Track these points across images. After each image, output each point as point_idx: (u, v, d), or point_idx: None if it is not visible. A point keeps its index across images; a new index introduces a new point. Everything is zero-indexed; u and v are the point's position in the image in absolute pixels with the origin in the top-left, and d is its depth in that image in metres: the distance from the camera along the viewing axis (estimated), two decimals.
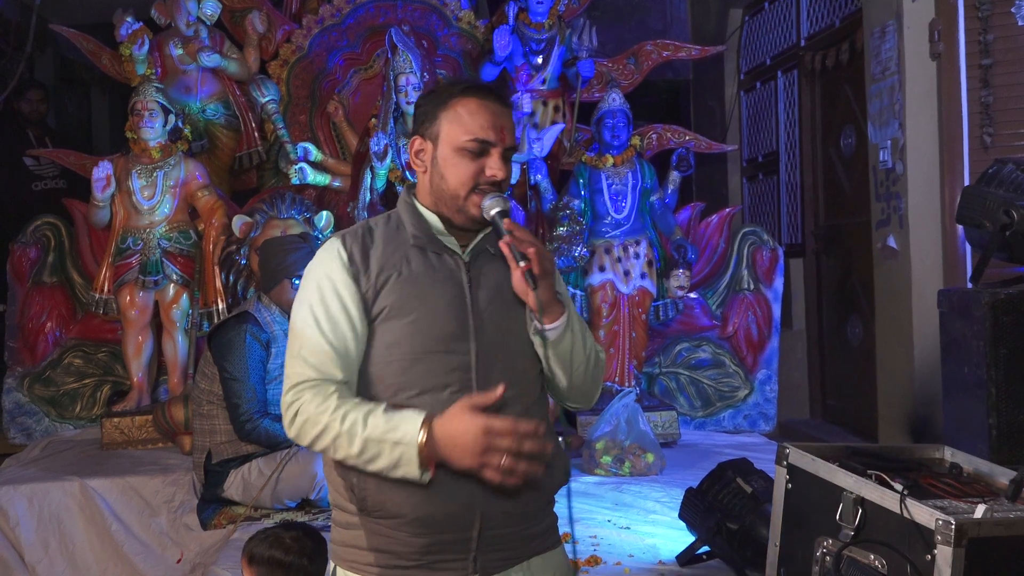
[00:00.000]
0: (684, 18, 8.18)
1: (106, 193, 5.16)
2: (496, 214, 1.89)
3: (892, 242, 4.98)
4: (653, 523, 3.93)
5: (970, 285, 3.95)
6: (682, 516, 3.57)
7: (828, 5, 6.08)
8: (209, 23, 5.79)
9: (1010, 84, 4.69)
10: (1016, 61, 4.68)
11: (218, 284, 5.24)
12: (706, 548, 3.39)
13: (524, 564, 1.94)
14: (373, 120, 5.37)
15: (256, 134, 5.97)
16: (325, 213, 5.17)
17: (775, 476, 2.61)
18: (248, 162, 6.03)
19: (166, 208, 5.24)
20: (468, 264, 1.95)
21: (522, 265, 1.84)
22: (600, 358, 2.05)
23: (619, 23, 7.95)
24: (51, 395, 5.42)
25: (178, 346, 5.28)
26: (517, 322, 1.95)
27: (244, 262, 5.05)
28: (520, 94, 5.48)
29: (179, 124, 5.32)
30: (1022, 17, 4.65)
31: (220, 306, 5.23)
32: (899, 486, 2.21)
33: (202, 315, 5.30)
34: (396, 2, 6.02)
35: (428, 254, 1.94)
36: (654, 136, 5.98)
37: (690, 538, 3.48)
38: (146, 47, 5.44)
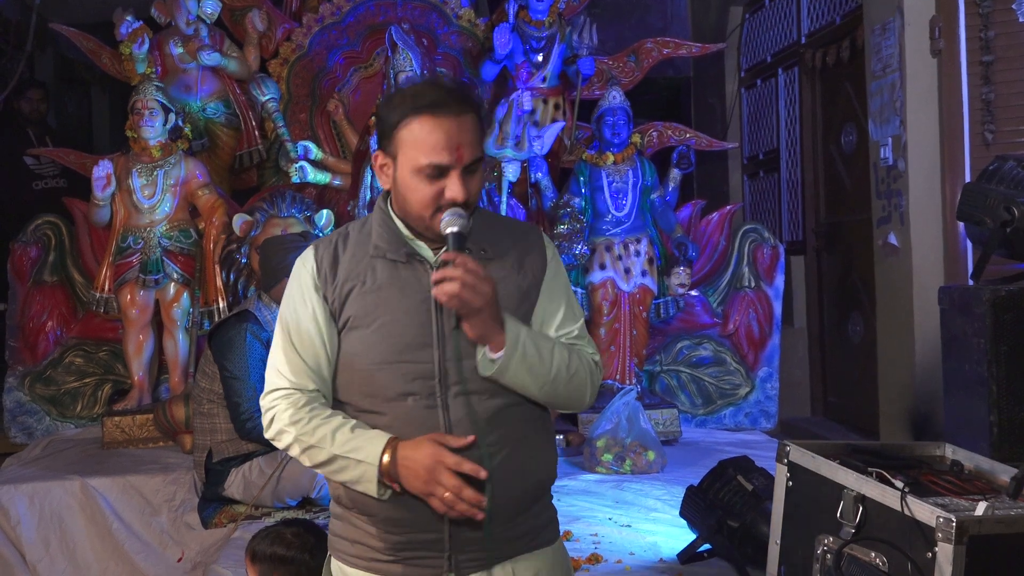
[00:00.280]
0: (684, 15, 8.19)
1: (106, 192, 5.16)
2: (449, 234, 1.85)
3: (893, 239, 4.97)
4: (654, 521, 3.93)
5: (971, 282, 3.94)
6: (683, 514, 3.57)
7: (829, 2, 6.07)
8: (209, 22, 5.78)
9: (1011, 80, 4.68)
10: (1017, 57, 4.67)
11: (219, 283, 5.23)
12: (707, 546, 3.39)
13: (507, 564, 1.93)
14: (373, 118, 5.36)
15: (256, 133, 5.97)
16: (326, 212, 5.16)
17: (776, 474, 2.61)
18: (248, 161, 6.03)
19: (166, 207, 5.24)
20: (437, 269, 1.91)
21: (441, 297, 1.82)
22: (578, 373, 1.96)
23: (619, 21, 7.95)
24: (52, 394, 5.42)
25: (179, 345, 5.28)
26: None
27: (244, 261, 5.05)
28: (520, 92, 5.47)
29: (179, 123, 5.31)
30: (1023, 13, 4.64)
31: (221, 305, 5.23)
32: (900, 483, 2.21)
33: (203, 314, 5.30)
34: (396, 0, 6.02)
35: (394, 263, 1.93)
36: (655, 134, 5.98)
37: (691, 536, 3.47)
38: (146, 46, 5.43)
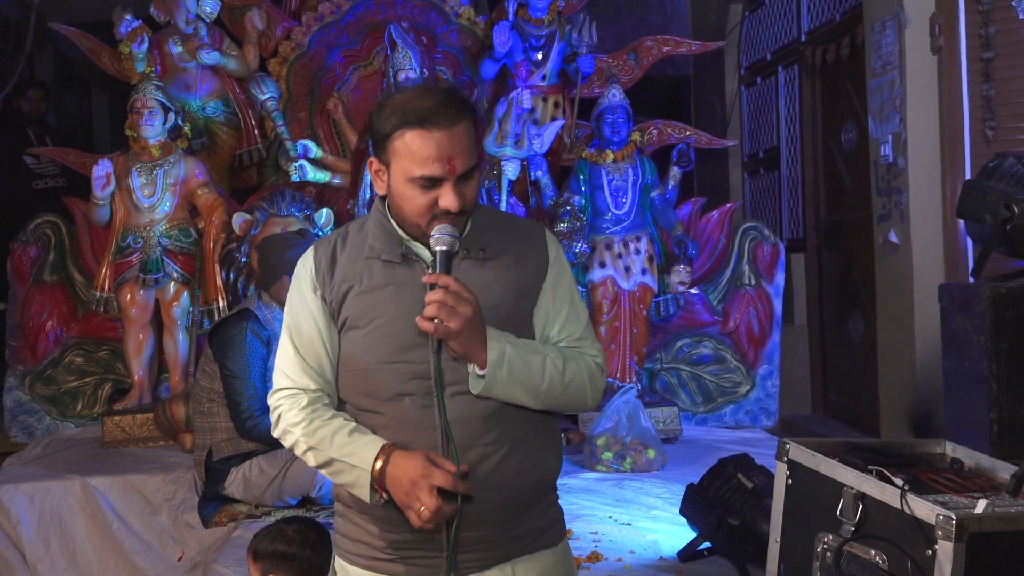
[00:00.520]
0: (684, 13, 8.18)
1: (106, 191, 5.16)
2: (437, 251, 1.86)
3: (893, 237, 4.97)
4: (654, 519, 3.93)
5: (971, 279, 3.94)
6: (683, 512, 3.57)
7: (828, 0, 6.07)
8: (208, 20, 5.77)
9: (1011, 78, 4.68)
10: (1017, 54, 4.67)
11: (218, 282, 5.23)
12: (707, 544, 3.39)
13: (507, 565, 1.93)
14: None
15: (256, 131, 5.96)
16: (325, 210, 5.16)
17: (775, 472, 2.61)
18: (248, 160, 6.02)
19: (166, 206, 5.23)
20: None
21: (423, 324, 1.83)
22: (575, 380, 1.95)
23: (619, 19, 7.94)
24: (52, 393, 5.42)
25: (179, 344, 5.28)
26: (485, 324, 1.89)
27: (244, 260, 5.05)
28: (520, 90, 5.46)
29: (179, 122, 5.31)
30: (1023, 10, 4.64)
31: (221, 304, 5.22)
32: (900, 481, 2.21)
33: (203, 313, 5.30)
34: None
35: (390, 264, 1.93)
36: (654, 132, 5.97)
37: (691, 534, 3.47)
38: (145, 45, 5.43)
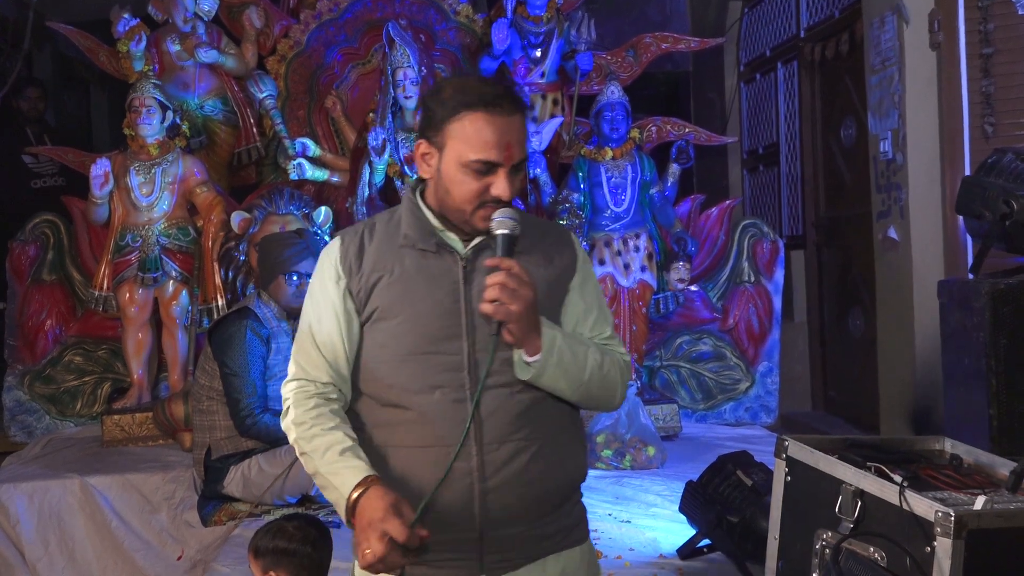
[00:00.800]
0: (683, 10, 8.16)
1: (104, 190, 5.15)
2: (499, 235, 1.85)
3: (893, 233, 4.96)
4: (654, 516, 3.93)
5: (970, 276, 3.93)
6: (682, 509, 3.56)
7: None
8: (206, 19, 5.77)
9: (1011, 73, 4.67)
10: (1017, 50, 4.66)
11: (217, 280, 5.23)
12: (707, 541, 3.39)
13: (538, 563, 1.92)
14: (371, 115, 5.35)
15: (255, 130, 5.95)
16: (324, 209, 5.15)
17: (774, 469, 2.60)
18: (247, 158, 6.02)
19: (164, 205, 5.23)
20: (466, 261, 1.92)
21: (485, 307, 1.81)
22: (610, 374, 1.97)
23: (618, 16, 7.93)
24: (51, 393, 5.42)
25: (178, 343, 5.27)
26: None
27: (243, 258, 5.05)
28: (519, 88, 5.46)
29: (177, 120, 5.30)
30: (1022, 6, 4.63)
31: (219, 302, 5.22)
32: (898, 478, 2.20)
33: (201, 311, 5.29)
34: None
35: (423, 253, 1.91)
36: (653, 129, 5.96)
37: (691, 531, 3.47)
38: (143, 43, 5.43)
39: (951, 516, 2.00)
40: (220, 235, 5.20)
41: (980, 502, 2.10)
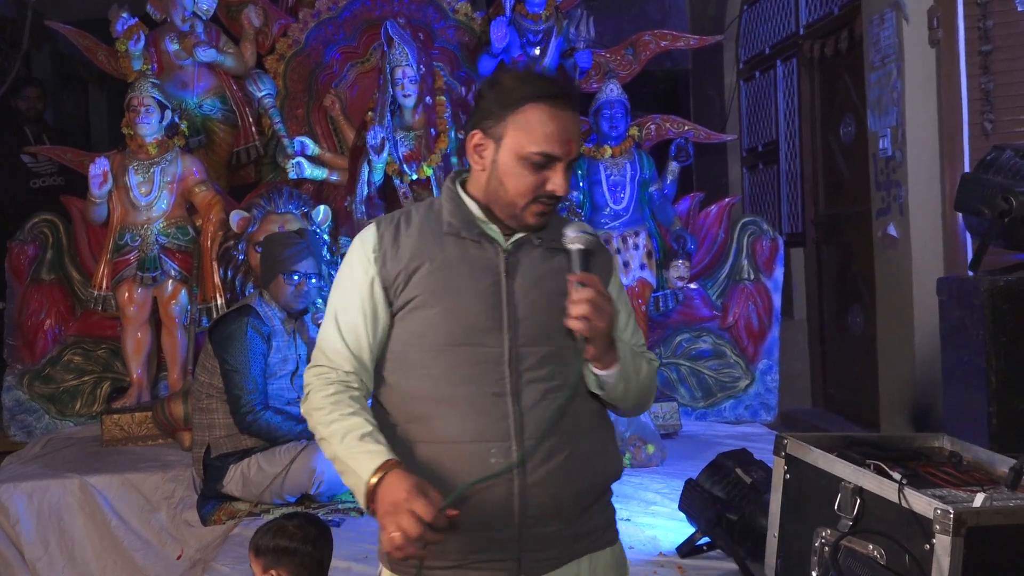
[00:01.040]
0: (682, 7, 8.16)
1: (103, 190, 5.15)
2: (576, 251, 1.84)
3: (892, 230, 4.96)
4: (653, 514, 3.92)
5: (970, 273, 3.93)
6: (682, 507, 3.56)
7: None
8: (205, 18, 5.76)
9: (1010, 70, 4.66)
10: (1016, 47, 4.65)
11: (216, 279, 5.22)
12: (706, 539, 3.38)
13: (575, 563, 1.90)
14: (370, 114, 5.35)
15: (253, 129, 5.95)
16: (323, 207, 5.15)
17: (773, 467, 2.60)
18: (246, 157, 6.01)
19: (163, 204, 5.23)
20: (508, 253, 1.89)
21: (575, 324, 1.80)
22: (652, 382, 2.03)
23: (617, 13, 7.92)
24: (51, 392, 5.42)
25: (177, 342, 5.27)
26: (558, 314, 1.84)
27: (242, 257, 5.05)
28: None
29: (176, 119, 5.30)
30: (1021, 3, 4.62)
31: (219, 301, 5.22)
32: (897, 475, 2.20)
33: (201, 311, 5.29)
34: None
35: (465, 242, 1.89)
36: (653, 126, 5.95)
37: (690, 529, 3.47)
38: (142, 43, 5.42)
39: (950, 513, 2.00)
40: (219, 234, 5.20)
41: (979, 499, 2.10)
